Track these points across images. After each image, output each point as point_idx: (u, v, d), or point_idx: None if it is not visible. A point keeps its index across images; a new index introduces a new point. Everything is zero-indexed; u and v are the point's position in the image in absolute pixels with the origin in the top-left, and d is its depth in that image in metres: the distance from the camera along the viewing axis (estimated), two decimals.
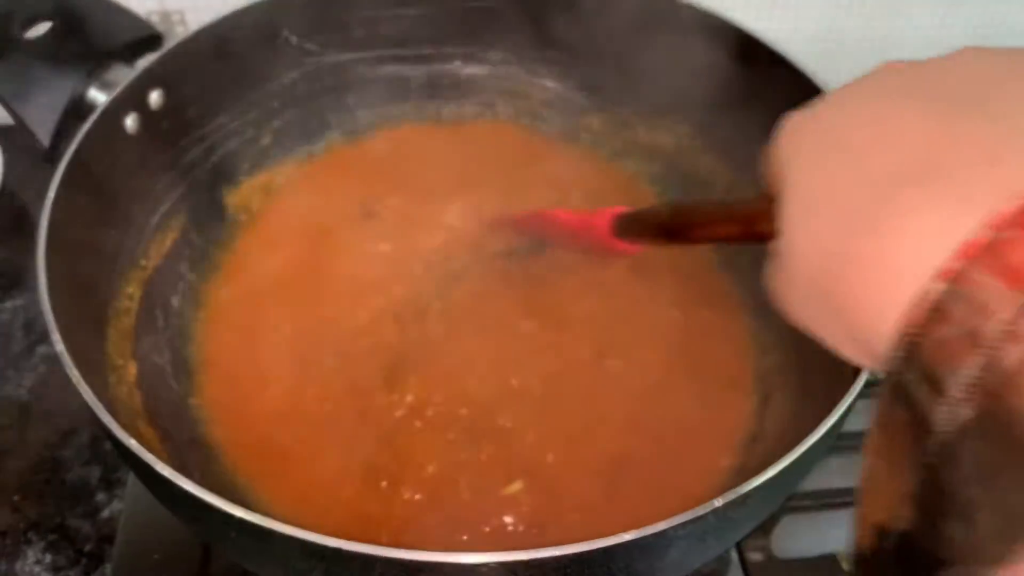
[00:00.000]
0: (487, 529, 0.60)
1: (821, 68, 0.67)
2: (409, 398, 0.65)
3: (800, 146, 0.37)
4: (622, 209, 0.61)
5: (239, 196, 0.77)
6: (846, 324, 0.34)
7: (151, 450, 0.46)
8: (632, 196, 0.80)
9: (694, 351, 0.69)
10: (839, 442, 0.68)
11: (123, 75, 0.66)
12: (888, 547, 0.32)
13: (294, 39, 0.76)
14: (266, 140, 0.78)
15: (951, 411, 0.28)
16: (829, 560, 0.65)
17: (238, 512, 0.44)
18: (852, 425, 0.68)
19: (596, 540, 0.43)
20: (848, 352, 0.35)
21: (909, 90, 0.35)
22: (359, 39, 0.78)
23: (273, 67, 0.76)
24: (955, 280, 0.28)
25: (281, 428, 0.65)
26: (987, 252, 0.28)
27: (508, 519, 0.60)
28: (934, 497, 0.29)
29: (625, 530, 0.43)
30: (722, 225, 0.49)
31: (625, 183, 0.82)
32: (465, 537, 0.60)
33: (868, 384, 0.51)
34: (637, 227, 0.60)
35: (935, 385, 0.29)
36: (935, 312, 0.29)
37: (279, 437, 0.64)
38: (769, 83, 0.69)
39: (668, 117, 0.79)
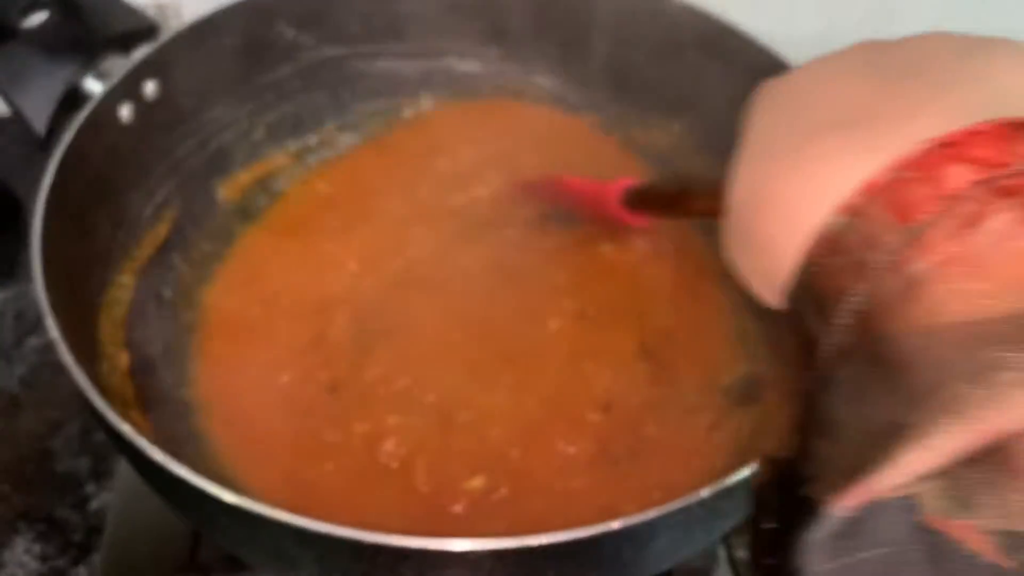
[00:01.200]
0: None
1: None
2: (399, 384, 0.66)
3: (762, 106, 0.41)
4: (633, 180, 0.65)
5: (233, 188, 0.77)
6: (760, 261, 0.37)
7: (143, 438, 0.46)
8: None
9: (680, 346, 0.69)
10: None
11: (119, 65, 0.66)
12: (774, 477, 0.35)
13: (289, 33, 0.76)
14: (259, 133, 0.78)
15: (834, 337, 0.31)
16: None
17: (230, 498, 0.44)
18: None
19: (583, 528, 0.43)
20: (764, 292, 0.38)
21: (867, 60, 0.38)
22: (354, 34, 0.79)
23: (268, 60, 0.76)
24: (854, 214, 0.31)
25: (272, 420, 0.65)
26: (886, 190, 0.31)
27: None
28: (811, 421, 0.32)
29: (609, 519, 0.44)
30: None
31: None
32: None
33: None
34: (646, 199, 0.64)
35: (823, 313, 0.31)
36: (831, 243, 0.32)
37: (270, 429, 0.64)
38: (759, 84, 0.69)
39: (662, 116, 0.79)
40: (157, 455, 0.45)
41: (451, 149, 0.81)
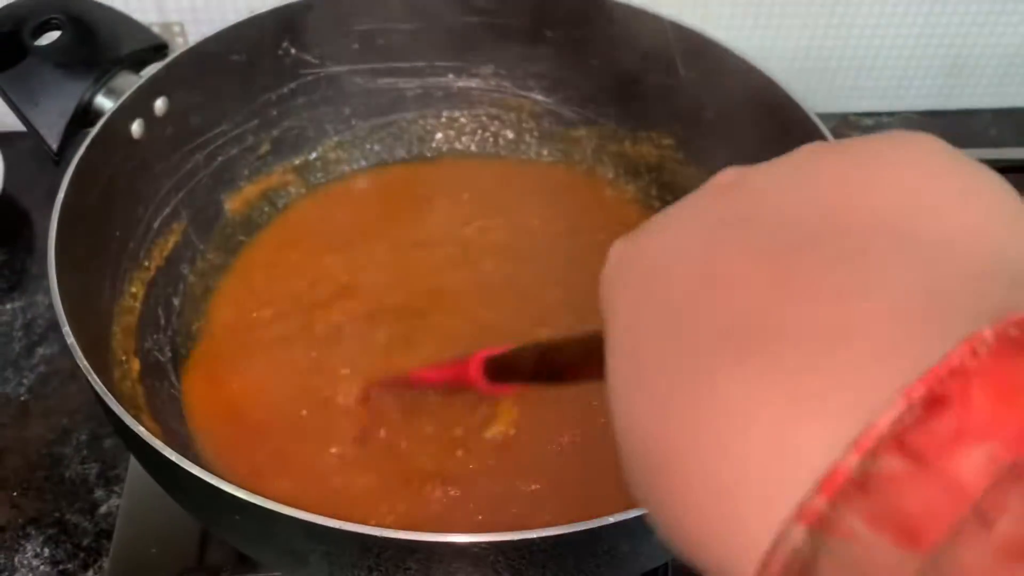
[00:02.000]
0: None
1: (801, 86, 0.70)
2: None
3: (621, 287, 0.28)
4: (488, 353, 0.54)
5: (239, 201, 0.80)
6: (674, 532, 0.24)
7: None
8: (610, 207, 0.84)
9: None
10: None
11: (129, 82, 0.68)
12: None
13: (293, 51, 0.78)
14: (265, 148, 0.81)
15: None
16: None
17: (242, 494, 0.46)
18: None
19: (581, 522, 0.45)
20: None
21: (740, 215, 0.26)
22: (356, 52, 0.81)
23: (273, 77, 0.79)
24: (818, 528, 0.19)
25: (274, 428, 0.67)
26: (860, 489, 0.19)
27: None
28: None
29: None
30: (589, 366, 0.37)
31: (607, 194, 0.85)
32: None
33: None
34: (508, 371, 0.53)
35: None
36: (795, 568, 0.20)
37: (271, 436, 0.66)
38: (750, 99, 0.72)
39: (652, 131, 0.82)
40: (171, 455, 0.47)
41: (453, 186, 0.83)
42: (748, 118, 0.72)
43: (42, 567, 0.68)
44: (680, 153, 0.81)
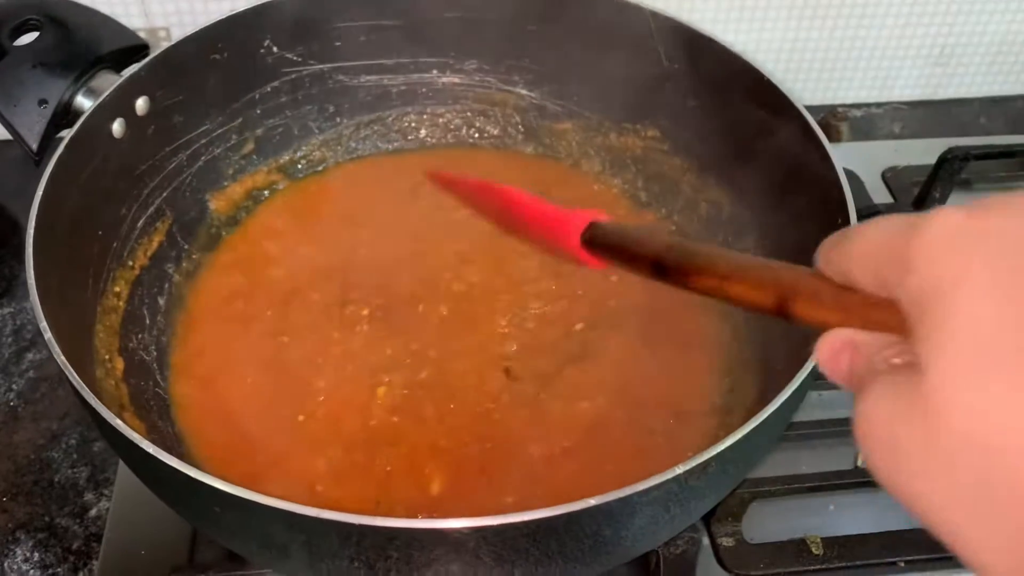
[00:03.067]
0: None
1: (788, 78, 0.69)
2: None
3: (972, 265, 0.26)
4: (603, 216, 0.48)
5: (223, 200, 0.79)
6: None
7: None
8: (597, 202, 0.83)
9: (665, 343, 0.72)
10: (803, 431, 0.72)
11: (110, 82, 0.68)
12: None
13: (276, 48, 0.78)
14: (249, 147, 0.81)
15: None
16: (797, 543, 0.66)
17: (221, 485, 0.45)
18: (804, 416, 0.72)
19: (561, 506, 0.45)
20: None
21: None
22: (339, 50, 0.81)
23: (256, 76, 0.79)
24: None
25: (259, 428, 0.66)
26: None
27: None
28: None
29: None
30: (746, 287, 0.35)
31: (594, 189, 0.85)
32: None
33: (817, 377, 0.52)
34: (617, 247, 0.46)
35: None
36: None
37: (255, 436, 0.66)
38: (736, 90, 0.72)
39: (638, 122, 0.82)
40: (149, 447, 0.47)
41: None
42: (734, 109, 0.72)
43: (32, 572, 0.68)
44: (665, 145, 0.81)
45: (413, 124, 0.87)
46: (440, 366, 0.69)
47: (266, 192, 0.82)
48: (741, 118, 0.71)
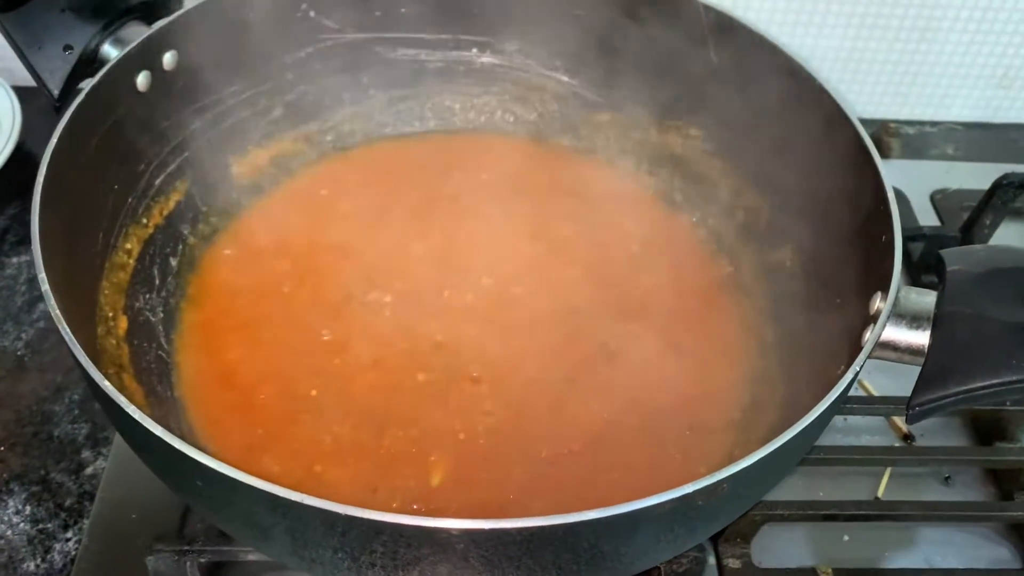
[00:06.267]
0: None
1: (841, 87, 0.66)
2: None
3: None
4: None
5: (247, 165, 0.77)
6: None
7: (133, 403, 0.46)
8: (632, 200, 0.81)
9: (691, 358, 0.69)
10: (823, 455, 0.69)
11: (138, 33, 0.66)
12: None
13: (313, 13, 0.76)
14: (277, 112, 0.79)
15: None
16: (807, 572, 0.64)
17: (201, 458, 0.43)
18: (826, 440, 0.69)
19: (559, 516, 0.42)
20: None
21: None
22: (378, 19, 0.79)
23: (290, 40, 0.77)
24: None
25: (264, 399, 0.65)
26: None
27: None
28: None
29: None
30: None
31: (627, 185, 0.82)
32: None
33: (845, 401, 0.51)
34: None
35: None
36: None
37: (259, 408, 0.64)
38: (785, 94, 0.68)
39: (680, 119, 0.79)
40: (134, 411, 0.45)
41: (461, 165, 0.81)
42: (783, 114, 0.69)
43: (22, 524, 0.67)
44: (707, 145, 0.78)
45: (447, 103, 0.84)
46: (458, 355, 0.67)
47: (292, 162, 0.80)
48: (789, 124, 0.68)
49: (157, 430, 0.45)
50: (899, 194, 0.82)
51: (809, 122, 0.66)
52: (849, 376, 0.50)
